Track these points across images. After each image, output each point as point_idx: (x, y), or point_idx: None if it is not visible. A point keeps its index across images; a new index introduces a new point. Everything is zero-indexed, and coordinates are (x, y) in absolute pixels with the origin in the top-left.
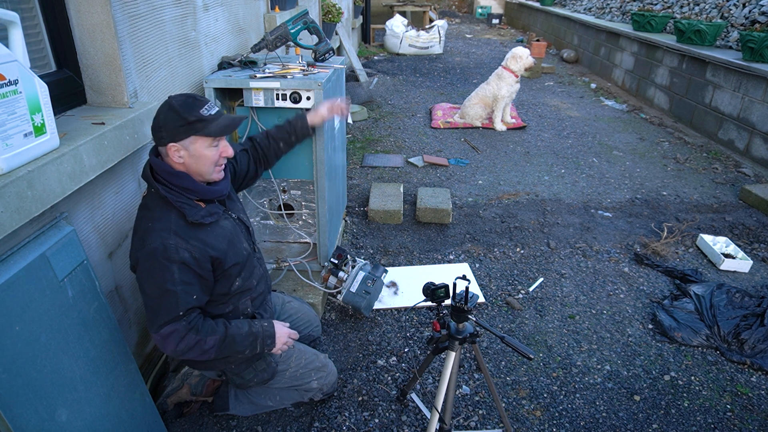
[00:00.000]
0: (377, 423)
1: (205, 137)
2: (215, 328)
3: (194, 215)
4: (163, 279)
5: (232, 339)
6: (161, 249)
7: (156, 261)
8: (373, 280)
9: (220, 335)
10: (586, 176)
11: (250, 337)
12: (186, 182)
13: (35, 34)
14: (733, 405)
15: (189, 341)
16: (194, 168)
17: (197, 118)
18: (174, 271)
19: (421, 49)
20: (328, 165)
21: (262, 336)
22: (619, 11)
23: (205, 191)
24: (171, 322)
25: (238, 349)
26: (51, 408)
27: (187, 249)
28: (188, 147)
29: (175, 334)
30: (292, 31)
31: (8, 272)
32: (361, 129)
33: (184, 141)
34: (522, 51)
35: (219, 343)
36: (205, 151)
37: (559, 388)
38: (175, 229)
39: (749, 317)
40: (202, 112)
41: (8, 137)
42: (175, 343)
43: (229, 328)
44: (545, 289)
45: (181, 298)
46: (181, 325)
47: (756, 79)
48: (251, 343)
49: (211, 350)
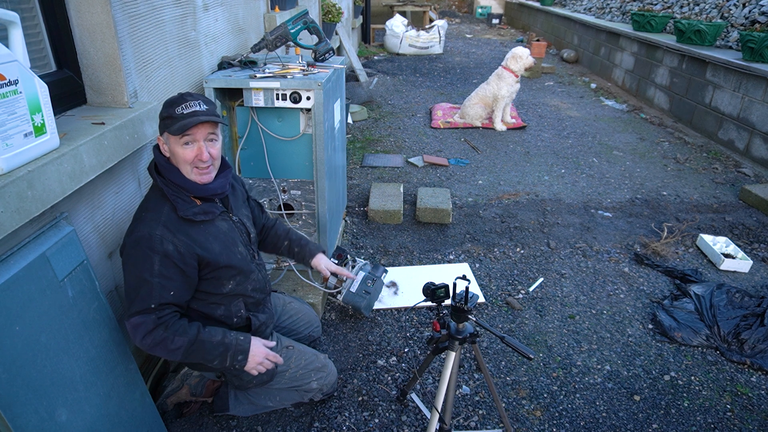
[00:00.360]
0: (377, 423)
1: (172, 135)
2: (186, 330)
3: (185, 211)
4: (143, 268)
5: (201, 344)
6: (146, 238)
7: (139, 249)
8: (373, 280)
9: (189, 338)
10: (586, 176)
11: (220, 347)
12: (176, 177)
13: (35, 34)
14: (733, 405)
15: (155, 337)
16: (176, 164)
17: (168, 114)
18: (155, 261)
19: (421, 49)
20: (328, 165)
21: (234, 350)
22: (619, 11)
23: (196, 188)
24: (141, 313)
25: (207, 357)
26: (51, 408)
27: (173, 242)
28: (167, 142)
29: (143, 326)
30: (292, 31)
31: (8, 272)
32: (361, 129)
33: (163, 136)
34: (522, 51)
35: (187, 346)
36: (177, 149)
37: (559, 388)
38: (164, 221)
39: (749, 317)
40: (176, 110)
41: (8, 137)
42: (142, 335)
43: (201, 333)
44: (545, 289)
45: (156, 290)
46: (150, 319)
47: (756, 79)
48: (221, 354)
49: (178, 351)
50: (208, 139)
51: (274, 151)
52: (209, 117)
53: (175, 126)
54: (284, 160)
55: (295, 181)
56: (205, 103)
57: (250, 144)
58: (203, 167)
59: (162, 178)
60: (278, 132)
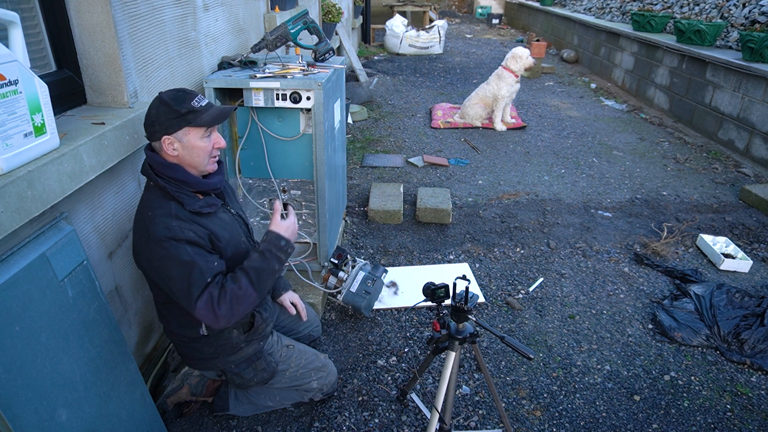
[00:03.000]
0: (377, 423)
1: (197, 128)
2: (235, 275)
3: (192, 205)
4: (180, 256)
5: (255, 270)
6: (166, 232)
7: (166, 243)
8: (373, 280)
9: (244, 275)
10: (586, 176)
11: (266, 254)
12: (179, 174)
13: (35, 34)
14: (733, 405)
15: (226, 298)
16: (188, 160)
17: (188, 109)
18: (186, 247)
19: (421, 49)
20: (328, 165)
21: (273, 245)
22: (619, 11)
23: (199, 183)
24: (203, 292)
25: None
26: (51, 408)
27: (190, 229)
28: (181, 139)
29: (210, 300)
30: (292, 31)
31: (8, 272)
32: (361, 129)
33: (177, 133)
34: (522, 51)
35: (250, 281)
36: (198, 143)
37: (559, 388)
38: (175, 214)
39: (749, 317)
40: (193, 104)
41: (8, 137)
42: (216, 305)
43: (244, 265)
44: (545, 289)
45: (203, 266)
46: (213, 288)
47: (756, 79)
48: (272, 257)
49: (249, 290)
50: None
51: (274, 151)
52: (230, 107)
53: (205, 118)
54: (284, 160)
55: (295, 181)
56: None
57: (250, 144)
58: (216, 155)
59: (162, 177)
60: (278, 132)
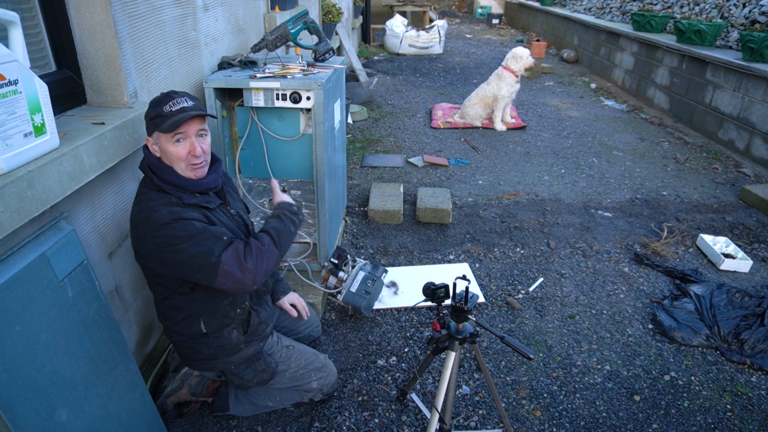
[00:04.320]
0: (377, 423)
1: (165, 133)
2: (257, 234)
3: (190, 198)
4: (189, 231)
5: (274, 230)
6: (169, 213)
7: (171, 224)
8: (373, 280)
9: (265, 235)
10: (586, 176)
11: (280, 219)
12: (169, 175)
13: (35, 34)
14: (733, 405)
15: (253, 253)
16: (168, 163)
17: (156, 113)
18: (193, 222)
19: (421, 49)
20: (328, 165)
21: (283, 211)
22: (619, 11)
23: (190, 184)
24: (227, 247)
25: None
26: (51, 408)
27: (191, 215)
28: (157, 141)
29: (236, 254)
30: (292, 31)
31: (8, 272)
32: (361, 129)
33: (153, 135)
34: (522, 51)
35: (272, 239)
36: (169, 147)
37: (559, 388)
38: (175, 203)
39: (749, 317)
40: (164, 108)
41: (8, 137)
42: (244, 263)
43: (265, 227)
44: (545, 289)
45: (216, 231)
46: (234, 246)
47: (756, 79)
48: (286, 219)
49: (272, 246)
50: (198, 134)
51: (274, 151)
52: (198, 111)
53: (166, 124)
54: (284, 160)
55: (295, 181)
56: (191, 99)
57: (250, 144)
58: (197, 163)
59: (157, 176)
60: (278, 132)
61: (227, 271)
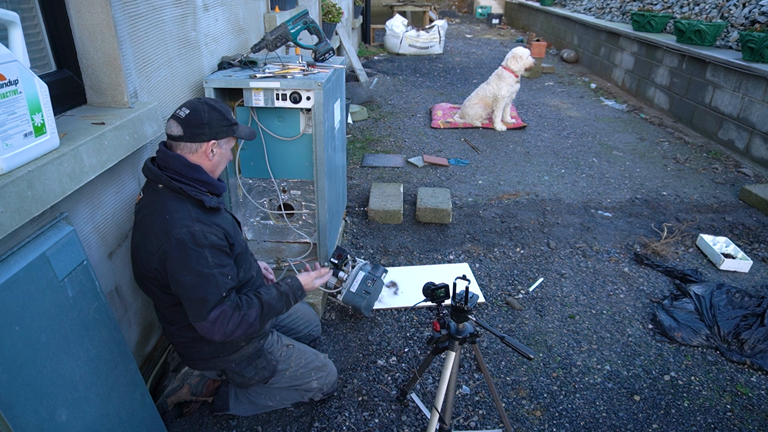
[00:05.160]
0: (377, 423)
1: (234, 138)
2: (251, 301)
3: (211, 201)
4: (199, 265)
5: (269, 306)
6: (189, 237)
7: (187, 249)
8: (373, 280)
9: (258, 306)
10: (586, 176)
11: (283, 298)
12: (203, 175)
13: (35, 34)
14: (733, 405)
15: (235, 320)
16: (216, 165)
17: (234, 121)
18: (207, 255)
19: (421, 49)
20: (328, 165)
21: (293, 293)
22: (619, 11)
23: (216, 185)
24: (217, 305)
25: (277, 311)
26: (51, 408)
27: (212, 233)
28: (222, 146)
29: (223, 316)
30: (292, 31)
31: (8, 272)
32: (361, 129)
33: (223, 140)
34: (522, 51)
35: (260, 314)
36: (229, 152)
37: (559, 388)
38: (195, 216)
39: (749, 317)
40: (232, 117)
41: (8, 137)
42: (224, 325)
43: (262, 297)
44: (545, 289)
45: (220, 280)
46: (227, 306)
47: (756, 79)
48: (285, 302)
49: (255, 321)
50: None
51: (274, 151)
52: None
53: (244, 132)
54: (284, 160)
55: (295, 181)
56: None
57: (250, 144)
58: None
59: (182, 177)
60: (278, 132)
61: (205, 326)
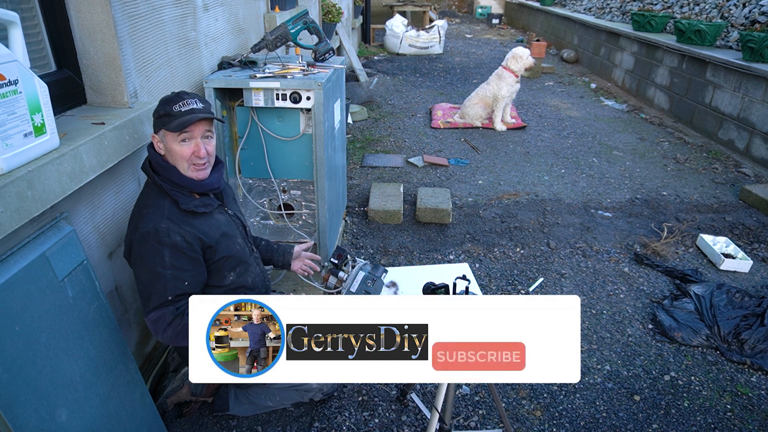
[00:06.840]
0: (377, 423)
1: (170, 132)
2: None
3: (187, 203)
4: (154, 262)
5: None
6: (153, 232)
7: (147, 244)
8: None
9: None
10: (586, 176)
11: None
12: (173, 175)
13: (35, 34)
14: (733, 405)
15: (175, 327)
16: (172, 161)
17: (165, 112)
18: (165, 254)
19: (421, 49)
20: (328, 165)
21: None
22: (619, 11)
23: (192, 185)
24: (159, 307)
25: None
26: (51, 408)
27: (179, 233)
28: (163, 139)
29: (162, 320)
30: (292, 31)
31: (8, 272)
32: (361, 129)
33: (159, 133)
34: (522, 51)
35: None
36: (174, 146)
37: (559, 388)
38: (167, 214)
39: (749, 317)
40: (174, 108)
41: (8, 137)
42: (162, 329)
43: None
44: (545, 289)
45: (170, 282)
46: (168, 311)
47: (756, 79)
48: None
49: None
50: (205, 136)
51: (274, 151)
52: (207, 114)
53: (174, 123)
54: (284, 160)
55: (295, 181)
56: (201, 101)
57: (250, 144)
58: (200, 164)
59: (159, 175)
60: (278, 132)
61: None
